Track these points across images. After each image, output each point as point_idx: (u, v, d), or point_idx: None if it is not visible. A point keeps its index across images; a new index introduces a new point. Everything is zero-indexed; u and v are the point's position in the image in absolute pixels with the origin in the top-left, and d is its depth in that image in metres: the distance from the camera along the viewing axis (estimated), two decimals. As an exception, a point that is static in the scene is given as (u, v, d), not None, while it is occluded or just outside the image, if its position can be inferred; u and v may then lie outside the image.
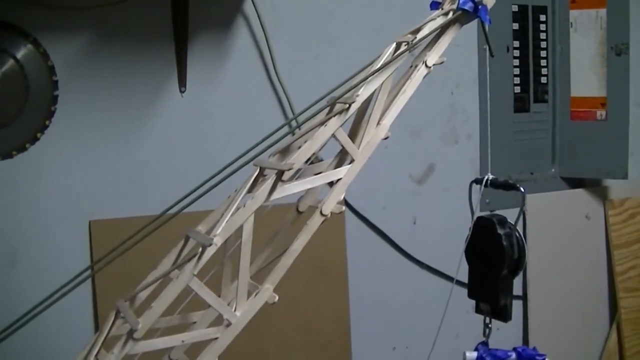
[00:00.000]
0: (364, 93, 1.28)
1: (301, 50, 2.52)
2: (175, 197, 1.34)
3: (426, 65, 1.34)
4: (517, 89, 3.01)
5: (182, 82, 2.34)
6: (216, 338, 1.19)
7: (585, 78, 3.05)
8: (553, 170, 3.13)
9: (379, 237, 2.72)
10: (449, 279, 2.79)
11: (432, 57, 1.35)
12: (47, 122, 2.16)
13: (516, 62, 3.01)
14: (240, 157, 1.28)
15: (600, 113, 3.01)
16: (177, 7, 2.29)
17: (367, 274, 2.68)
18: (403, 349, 2.80)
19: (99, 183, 2.25)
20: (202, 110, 2.37)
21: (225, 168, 1.27)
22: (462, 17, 1.37)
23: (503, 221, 1.55)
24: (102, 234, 2.23)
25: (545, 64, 3.09)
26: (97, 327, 2.23)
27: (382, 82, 1.29)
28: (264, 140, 1.31)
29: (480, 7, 1.38)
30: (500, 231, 1.52)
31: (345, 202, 2.58)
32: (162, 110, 2.32)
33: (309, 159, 1.26)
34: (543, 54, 3.08)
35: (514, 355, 1.56)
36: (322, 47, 2.55)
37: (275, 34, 2.43)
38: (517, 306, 3.00)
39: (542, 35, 3.08)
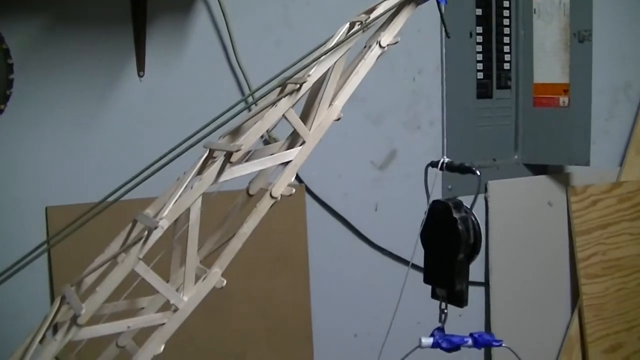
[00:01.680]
0: (315, 73, 1.25)
1: (262, 34, 2.49)
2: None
3: (380, 46, 1.32)
4: (480, 75, 3.00)
5: (140, 67, 2.30)
6: (163, 323, 1.17)
7: (548, 64, 3.05)
8: (516, 156, 3.13)
9: (340, 223, 2.71)
10: (412, 265, 2.79)
11: (386, 37, 1.33)
12: (1, 106, 2.11)
13: (479, 48, 2.99)
14: (187, 139, 1.25)
15: (563, 100, 3.01)
16: (135, -10, 2.26)
17: (328, 261, 2.67)
18: (365, 335, 2.78)
19: (55, 169, 2.21)
20: (161, 95, 2.34)
21: (172, 150, 1.25)
22: (417, -3, 1.35)
23: (459, 205, 1.54)
24: (59, 221, 2.19)
25: (508, 50, 3.08)
26: (54, 316, 2.19)
27: (335, 63, 1.27)
28: (212, 121, 1.28)
29: (436, -14, 1.36)
30: (455, 215, 1.51)
31: (306, 189, 2.56)
32: (120, 95, 2.29)
33: (264, 139, 1.24)
34: (506, 40, 3.07)
35: (470, 340, 1.55)
36: (283, 31, 2.52)
37: (235, 18, 2.40)
38: (479, 292, 3.01)
39: (506, 22, 3.07)
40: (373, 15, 1.31)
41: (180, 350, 1.18)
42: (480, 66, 3.00)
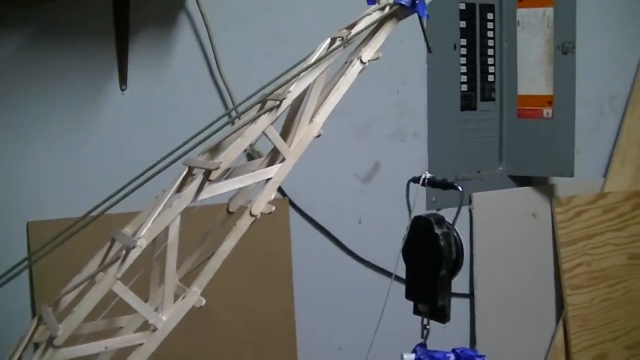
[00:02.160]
0: (295, 90, 1.25)
1: (247, 47, 2.48)
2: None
3: (361, 61, 1.31)
4: (464, 87, 3.00)
5: (123, 80, 2.29)
6: (142, 344, 1.16)
7: (533, 76, 3.05)
8: (500, 168, 3.13)
9: (324, 236, 2.70)
10: (395, 277, 2.78)
11: (368, 53, 1.32)
12: (-18, 121, 2.10)
13: (463, 60, 2.99)
14: (167, 156, 1.24)
15: (547, 111, 3.02)
16: (118, 4, 2.24)
17: (312, 274, 2.65)
18: (349, 348, 2.77)
19: (37, 183, 2.19)
20: (143, 109, 2.32)
21: (152, 167, 1.23)
22: (399, 12, 1.35)
23: (441, 220, 1.53)
24: (40, 236, 2.17)
25: (492, 62, 3.08)
26: (35, 332, 2.18)
27: (315, 79, 1.26)
28: (193, 137, 1.27)
29: (418, 1, 1.36)
30: (437, 231, 1.50)
31: (290, 202, 2.55)
32: (102, 109, 2.27)
33: (247, 153, 1.24)
34: (490, 52, 3.08)
35: (452, 356, 1.54)
36: (270, 44, 2.51)
37: (220, 31, 2.39)
38: (464, 304, 3.00)
39: (490, 34, 3.07)
40: (354, 31, 1.31)
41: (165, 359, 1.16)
42: (464, 78, 3.00)
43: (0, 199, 2.15)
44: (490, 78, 3.08)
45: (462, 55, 2.99)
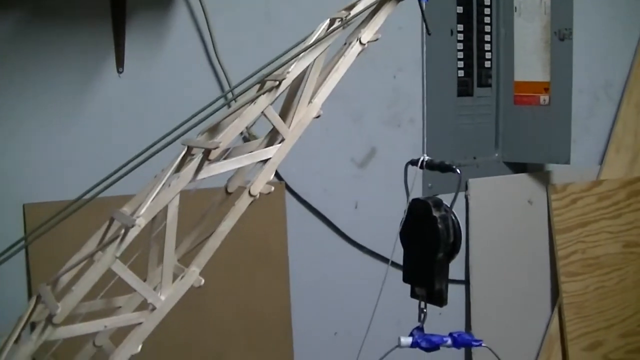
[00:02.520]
0: (295, 70, 1.24)
1: (242, 30, 2.47)
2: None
3: (360, 42, 1.31)
4: (461, 73, 3.00)
5: (119, 62, 2.28)
6: (140, 323, 1.16)
7: (529, 63, 3.05)
8: (496, 154, 3.13)
9: (320, 221, 2.69)
10: (392, 263, 2.78)
11: (367, 34, 1.32)
12: (-23, 101, 2.10)
13: (460, 45, 2.99)
14: (165, 136, 1.24)
15: (544, 98, 3.01)
16: (114, -15, 2.24)
17: (308, 259, 2.65)
18: (345, 334, 2.77)
19: (33, 165, 2.18)
20: (140, 91, 2.31)
21: (150, 147, 1.23)
22: (398, -6, 1.35)
23: (439, 203, 1.53)
24: (37, 218, 2.17)
25: (489, 48, 3.08)
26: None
27: (315, 59, 1.26)
28: (191, 117, 1.27)
29: (416, -16, 1.36)
30: (435, 214, 1.51)
31: (286, 186, 2.55)
32: (98, 91, 2.26)
33: (244, 136, 1.23)
34: (487, 38, 3.07)
35: (449, 340, 1.55)
36: (264, 27, 2.50)
37: (216, 13, 2.38)
38: (459, 290, 3.01)
39: (487, 20, 3.06)
40: (354, 12, 1.31)
41: (158, 348, 1.16)
42: (461, 64, 2.99)
43: (-4, 181, 2.15)
44: (487, 64, 3.07)
45: (459, 41, 2.98)
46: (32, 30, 2.15)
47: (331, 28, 1.29)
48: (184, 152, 1.24)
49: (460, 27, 2.98)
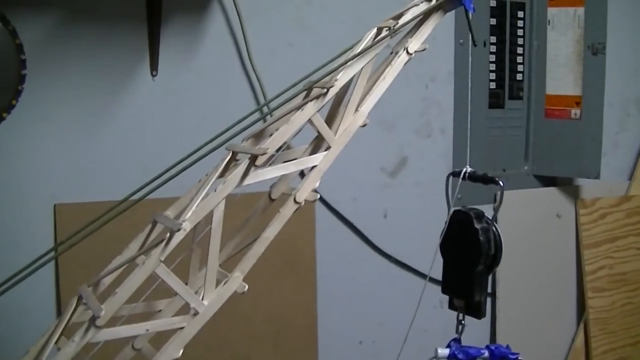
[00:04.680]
0: (342, 78, 1.24)
1: (276, 36, 2.48)
2: (144, 182, 1.29)
3: (407, 52, 1.31)
4: (493, 85, 2.99)
5: (153, 66, 2.28)
6: (182, 327, 1.15)
7: (561, 76, 3.04)
8: (526, 167, 3.12)
9: (348, 229, 2.69)
10: (418, 273, 2.77)
11: (414, 44, 1.31)
12: (13, 102, 2.09)
13: (492, 57, 2.98)
14: (210, 141, 1.23)
15: (575, 112, 3.00)
16: (150, -12, 2.24)
17: (335, 266, 2.65)
18: (370, 342, 2.77)
19: (65, 166, 2.19)
20: (174, 95, 2.32)
21: (194, 152, 1.23)
22: (445, 4, 1.34)
23: (480, 215, 1.52)
24: (67, 218, 2.17)
25: (521, 61, 3.07)
26: (60, 312, 2.18)
27: (362, 68, 1.26)
28: (234, 125, 1.26)
29: (464, -6, 1.35)
30: (477, 226, 1.50)
31: (316, 192, 2.54)
32: (132, 94, 2.27)
33: (282, 145, 1.23)
34: (520, 50, 3.06)
35: (486, 353, 1.54)
36: (297, 33, 2.51)
37: (250, 19, 2.39)
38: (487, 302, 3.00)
39: (520, 32, 3.05)
40: (401, 21, 1.30)
41: (185, 349, 1.15)
42: (493, 76, 2.98)
43: (29, 180, 2.15)
44: (519, 77, 3.06)
45: (492, 53, 2.97)
46: (68, 32, 2.16)
47: (379, 37, 1.29)
48: (228, 158, 1.23)
49: (493, 39, 2.97)
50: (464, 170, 1.56)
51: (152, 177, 1.29)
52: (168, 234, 1.12)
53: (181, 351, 1.15)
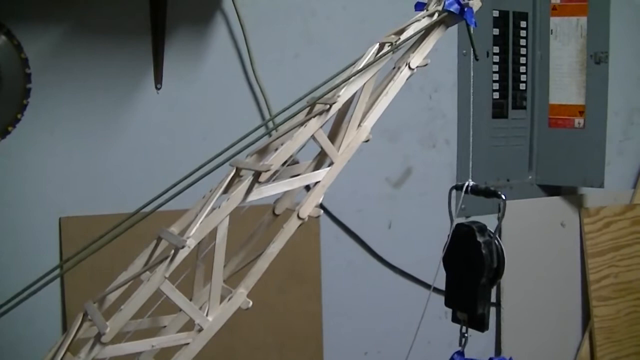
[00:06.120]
0: (345, 94, 1.24)
1: (280, 49, 2.49)
2: (149, 196, 1.30)
3: (409, 67, 1.31)
4: (496, 95, 3.00)
5: (158, 79, 2.29)
6: (187, 343, 1.16)
7: (564, 86, 3.04)
8: (530, 177, 3.12)
9: (353, 240, 2.69)
10: (423, 284, 2.77)
11: (416, 59, 1.32)
12: (18, 116, 2.11)
13: (495, 67, 2.99)
14: (215, 157, 1.24)
15: (579, 121, 3.00)
16: (155, 2, 2.25)
17: (340, 277, 2.65)
18: (375, 353, 2.77)
19: (70, 179, 2.20)
20: (178, 108, 2.33)
21: (199, 168, 1.23)
22: (447, 19, 1.35)
23: (483, 229, 1.52)
24: (72, 232, 2.18)
25: (524, 71, 3.08)
26: (66, 327, 2.18)
27: (365, 83, 1.26)
28: (240, 140, 1.27)
29: (466, 9, 1.35)
30: (480, 239, 1.50)
31: (320, 204, 2.54)
32: (136, 107, 2.28)
33: (286, 161, 1.23)
34: (523, 60, 3.07)
35: (490, 365, 1.54)
36: (302, 46, 2.52)
37: (254, 32, 2.40)
38: (490, 313, 2.99)
39: (522, 42, 3.06)
40: (403, 37, 1.31)
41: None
42: (496, 86, 2.99)
43: (34, 194, 2.16)
44: (522, 86, 3.07)
45: (495, 63, 2.99)
46: (73, 46, 2.17)
47: (381, 53, 1.29)
48: (232, 174, 1.24)
49: (496, 49, 2.98)
50: (466, 184, 1.56)
51: (156, 190, 1.29)
52: (173, 251, 1.13)
53: (186, 367, 1.16)
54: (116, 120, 2.25)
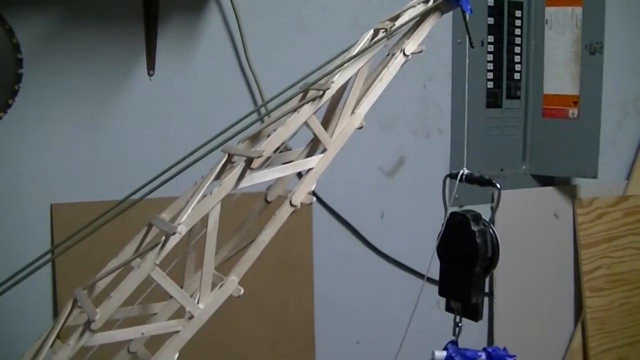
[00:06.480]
0: (339, 80, 1.23)
1: (274, 36, 2.47)
2: (140, 183, 1.29)
3: (404, 54, 1.30)
4: (490, 84, 2.98)
5: (150, 66, 2.28)
6: (178, 331, 1.15)
7: (559, 76, 3.03)
8: (523, 167, 3.12)
9: (346, 229, 2.68)
10: (415, 273, 2.77)
11: (411, 46, 1.31)
12: (9, 101, 2.09)
13: (490, 57, 2.98)
14: (207, 143, 1.23)
15: (573, 111, 2.99)
16: (147, -12, 2.23)
17: (333, 267, 2.64)
18: (367, 342, 2.76)
19: (62, 165, 2.19)
20: (170, 95, 2.31)
21: (191, 154, 1.22)
22: (443, 6, 1.33)
23: (477, 217, 1.51)
24: (64, 218, 2.17)
25: (519, 60, 3.07)
26: (56, 310, 2.18)
27: (359, 70, 1.25)
28: (231, 126, 1.26)
29: (462, -5, 1.34)
30: (474, 228, 1.49)
31: (313, 193, 2.53)
32: (129, 93, 2.26)
33: (278, 147, 1.22)
34: (517, 49, 3.06)
35: (483, 355, 1.53)
36: (296, 34, 2.50)
37: (248, 19, 2.38)
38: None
39: (517, 31, 3.05)
40: (398, 23, 1.29)
41: (181, 351, 1.15)
42: (490, 75, 2.98)
43: (25, 180, 2.15)
44: (517, 76, 3.06)
45: (489, 52, 2.98)
46: (65, 31, 2.16)
47: (375, 39, 1.28)
48: (224, 160, 1.22)
49: (491, 39, 2.97)
50: (461, 172, 1.55)
51: (148, 177, 1.28)
52: (163, 237, 1.12)
53: (177, 354, 1.15)
54: (108, 107, 2.24)
